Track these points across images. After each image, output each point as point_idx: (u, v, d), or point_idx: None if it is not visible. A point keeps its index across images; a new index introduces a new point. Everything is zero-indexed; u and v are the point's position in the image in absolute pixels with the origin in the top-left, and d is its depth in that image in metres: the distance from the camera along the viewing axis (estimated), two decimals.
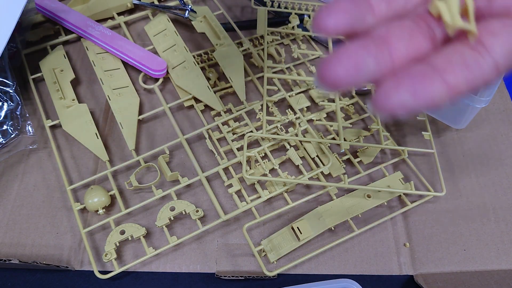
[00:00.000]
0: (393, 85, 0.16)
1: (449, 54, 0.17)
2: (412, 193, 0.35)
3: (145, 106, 0.40)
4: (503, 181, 0.38)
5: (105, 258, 0.32)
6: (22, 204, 0.35)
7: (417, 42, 0.18)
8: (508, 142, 0.40)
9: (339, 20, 0.16)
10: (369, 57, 0.16)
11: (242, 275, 0.32)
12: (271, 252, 0.33)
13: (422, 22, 0.18)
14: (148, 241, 0.34)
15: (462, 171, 0.38)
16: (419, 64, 0.17)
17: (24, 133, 0.37)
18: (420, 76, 0.16)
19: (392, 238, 0.35)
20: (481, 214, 0.36)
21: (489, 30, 0.17)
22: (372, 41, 0.17)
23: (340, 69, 0.16)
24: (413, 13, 0.19)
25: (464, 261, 0.34)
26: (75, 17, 0.42)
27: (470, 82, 0.16)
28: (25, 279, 0.33)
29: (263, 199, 0.34)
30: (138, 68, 0.41)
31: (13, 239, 0.34)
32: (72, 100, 0.38)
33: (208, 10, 0.44)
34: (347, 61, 0.16)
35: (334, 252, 0.34)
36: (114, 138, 0.39)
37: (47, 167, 0.37)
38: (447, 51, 0.17)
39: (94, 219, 0.34)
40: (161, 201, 0.35)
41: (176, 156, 0.38)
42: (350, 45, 0.16)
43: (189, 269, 0.33)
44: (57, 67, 0.40)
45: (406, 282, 0.33)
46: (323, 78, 0.16)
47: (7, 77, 0.38)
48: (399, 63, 0.17)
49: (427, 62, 0.17)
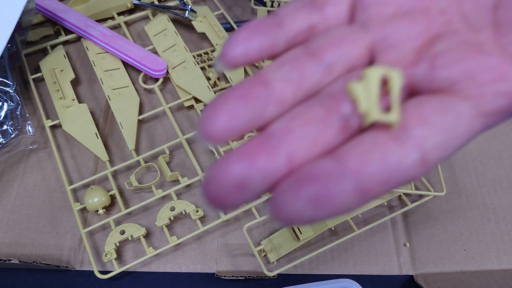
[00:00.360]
0: (289, 192, 0.13)
1: (365, 149, 0.13)
2: (412, 193, 0.35)
3: (145, 106, 0.40)
4: (503, 181, 0.38)
5: (105, 258, 0.32)
6: (22, 204, 0.35)
7: (325, 136, 0.14)
8: (508, 142, 0.40)
9: (228, 123, 0.13)
10: (255, 175, 0.13)
11: (242, 275, 0.32)
12: (271, 252, 0.33)
13: (334, 107, 0.14)
14: (148, 241, 0.34)
15: (462, 171, 0.38)
16: (324, 160, 0.13)
17: (24, 133, 0.37)
18: (324, 178, 0.13)
19: (392, 238, 0.35)
20: (481, 214, 0.36)
21: (422, 115, 0.14)
22: (264, 146, 0.13)
23: (221, 190, 0.13)
24: (326, 93, 0.15)
25: (464, 261, 0.34)
26: (75, 17, 0.42)
27: (388, 183, 0.13)
28: (25, 279, 0.33)
29: (263, 199, 0.34)
30: (138, 68, 0.41)
31: (13, 239, 0.34)
32: (72, 100, 0.38)
33: (208, 10, 0.44)
34: (228, 181, 0.13)
35: (334, 252, 0.34)
36: (114, 138, 0.39)
37: (47, 167, 0.37)
38: (363, 143, 0.13)
39: (94, 219, 0.34)
40: (161, 201, 0.35)
41: (176, 156, 0.38)
42: (233, 157, 0.13)
43: (189, 269, 0.33)
44: (57, 67, 0.40)
45: (406, 282, 0.33)
46: (208, 198, 0.14)
47: (7, 77, 0.38)
48: (299, 165, 0.14)
49: (335, 157, 0.13)
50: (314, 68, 0.15)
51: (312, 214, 0.12)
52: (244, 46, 0.15)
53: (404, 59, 0.16)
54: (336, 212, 0.13)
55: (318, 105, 0.15)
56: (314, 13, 0.17)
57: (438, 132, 0.13)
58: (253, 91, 0.14)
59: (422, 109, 0.14)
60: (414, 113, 0.14)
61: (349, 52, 0.16)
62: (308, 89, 0.15)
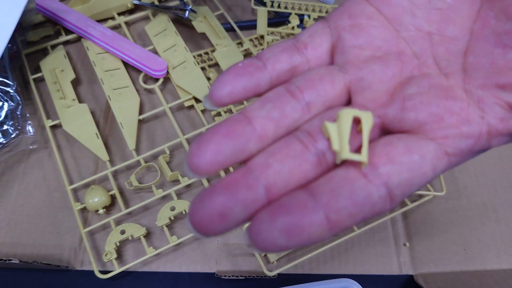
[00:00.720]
0: (265, 222, 0.14)
1: (337, 184, 0.14)
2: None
3: (146, 106, 0.40)
4: (503, 181, 0.38)
5: (106, 258, 0.32)
6: (23, 204, 0.35)
7: (302, 170, 0.15)
8: None
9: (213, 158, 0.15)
10: (236, 205, 0.14)
11: (242, 275, 0.32)
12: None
13: (311, 144, 0.16)
14: (148, 241, 0.34)
15: (462, 171, 0.38)
16: (299, 193, 0.15)
17: (24, 133, 0.37)
18: (297, 211, 0.14)
19: (392, 238, 0.35)
20: (481, 214, 0.36)
21: (390, 155, 0.15)
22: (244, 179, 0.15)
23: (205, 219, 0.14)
24: (304, 130, 0.16)
25: (464, 261, 0.34)
26: (75, 17, 0.42)
27: (357, 215, 0.14)
28: (26, 279, 0.33)
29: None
30: (139, 68, 0.41)
31: (14, 239, 0.34)
32: (73, 100, 0.38)
33: (208, 10, 0.44)
34: (211, 210, 0.14)
35: (334, 252, 0.34)
36: (114, 138, 0.39)
37: (48, 167, 0.37)
38: (335, 178, 0.15)
39: (94, 219, 0.35)
40: (161, 201, 0.35)
41: (176, 156, 0.38)
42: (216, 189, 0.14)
43: (189, 269, 0.33)
44: (58, 67, 0.40)
45: (406, 282, 0.33)
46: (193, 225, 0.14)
47: (7, 77, 0.38)
48: (277, 196, 0.15)
49: (309, 192, 0.14)
50: (294, 106, 0.17)
51: (286, 243, 0.13)
52: (230, 87, 0.17)
53: (377, 100, 0.17)
54: (308, 242, 0.14)
55: (297, 140, 0.16)
56: (295, 55, 0.18)
57: (403, 170, 0.15)
58: (237, 128, 0.15)
59: (390, 149, 0.15)
60: (382, 152, 0.15)
61: (327, 92, 0.17)
62: (288, 125, 0.16)
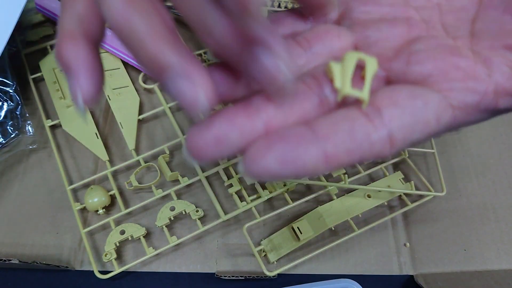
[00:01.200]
0: (261, 148, 0.14)
1: (336, 120, 0.14)
2: (412, 193, 0.35)
3: (145, 106, 0.40)
4: (503, 181, 0.38)
5: (105, 258, 0.32)
6: (22, 204, 0.35)
7: (303, 108, 0.15)
8: (508, 142, 0.40)
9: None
10: (233, 131, 0.14)
11: (242, 275, 0.32)
12: (271, 252, 0.33)
13: (314, 84, 0.16)
14: (148, 241, 0.34)
15: (462, 171, 0.38)
16: (297, 127, 0.14)
17: (24, 133, 0.37)
18: (294, 140, 0.14)
19: (392, 238, 0.35)
20: (481, 214, 0.36)
21: (393, 99, 0.15)
22: (244, 110, 0.15)
23: (201, 143, 0.14)
24: (309, 73, 0.17)
25: (464, 261, 0.34)
26: None
27: (354, 153, 0.14)
28: (25, 279, 0.33)
29: (263, 199, 0.34)
30: (138, 68, 0.41)
31: (13, 239, 0.34)
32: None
33: None
34: (208, 135, 0.14)
35: (334, 252, 0.34)
36: (114, 138, 0.39)
37: (47, 167, 0.37)
38: (336, 116, 0.15)
39: (94, 219, 0.34)
40: (161, 201, 0.35)
41: (176, 156, 0.38)
42: (215, 117, 0.15)
43: (189, 269, 0.33)
44: (57, 67, 0.40)
45: (406, 282, 0.33)
46: (189, 150, 0.15)
47: (7, 77, 0.38)
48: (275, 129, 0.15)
49: (309, 126, 0.14)
50: (300, 54, 0.17)
51: (280, 170, 0.13)
52: None
53: (383, 55, 0.17)
54: (303, 172, 0.14)
55: (300, 81, 0.16)
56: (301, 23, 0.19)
57: (405, 114, 0.15)
58: None
59: (394, 93, 0.15)
60: (385, 96, 0.15)
61: (333, 44, 0.18)
62: None
